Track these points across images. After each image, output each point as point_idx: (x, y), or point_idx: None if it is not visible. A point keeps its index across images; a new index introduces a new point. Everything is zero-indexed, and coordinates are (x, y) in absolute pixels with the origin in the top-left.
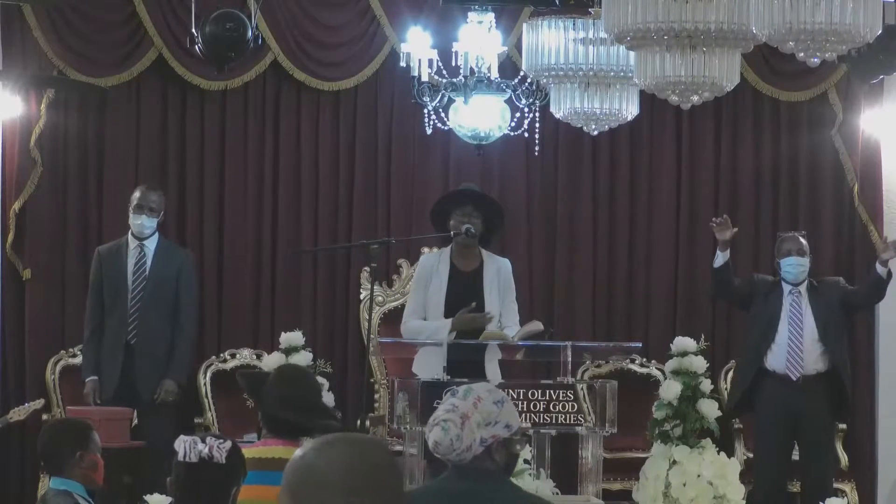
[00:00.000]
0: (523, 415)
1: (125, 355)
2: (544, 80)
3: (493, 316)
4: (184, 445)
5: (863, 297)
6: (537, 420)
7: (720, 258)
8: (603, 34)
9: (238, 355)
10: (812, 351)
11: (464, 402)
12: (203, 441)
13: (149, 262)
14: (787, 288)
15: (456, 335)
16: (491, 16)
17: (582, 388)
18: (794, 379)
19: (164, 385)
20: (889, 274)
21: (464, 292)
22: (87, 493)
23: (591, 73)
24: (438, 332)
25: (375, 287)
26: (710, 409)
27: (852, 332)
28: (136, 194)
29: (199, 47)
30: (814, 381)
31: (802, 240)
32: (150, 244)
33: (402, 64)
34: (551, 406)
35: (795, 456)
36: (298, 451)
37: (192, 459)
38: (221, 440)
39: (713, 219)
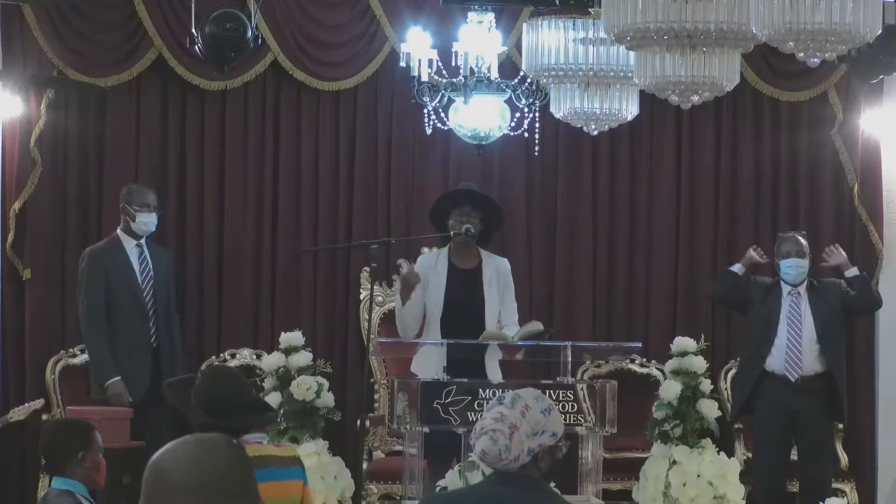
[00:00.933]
0: None
1: (152, 356)
2: (544, 80)
3: (419, 274)
4: None
5: (859, 303)
6: None
7: (738, 268)
8: (603, 34)
9: (238, 355)
10: (810, 352)
11: (511, 410)
12: None
13: (150, 262)
14: (786, 288)
15: (453, 334)
16: (491, 16)
17: (582, 388)
18: (793, 380)
19: None
20: (860, 270)
21: (463, 291)
22: (88, 493)
23: (591, 73)
24: (400, 308)
25: (375, 287)
26: (710, 409)
27: (853, 333)
28: (135, 194)
29: (199, 47)
30: (812, 381)
31: (802, 240)
32: (144, 243)
33: (402, 64)
34: None
35: (794, 456)
36: (154, 455)
37: None
38: None
39: (755, 248)
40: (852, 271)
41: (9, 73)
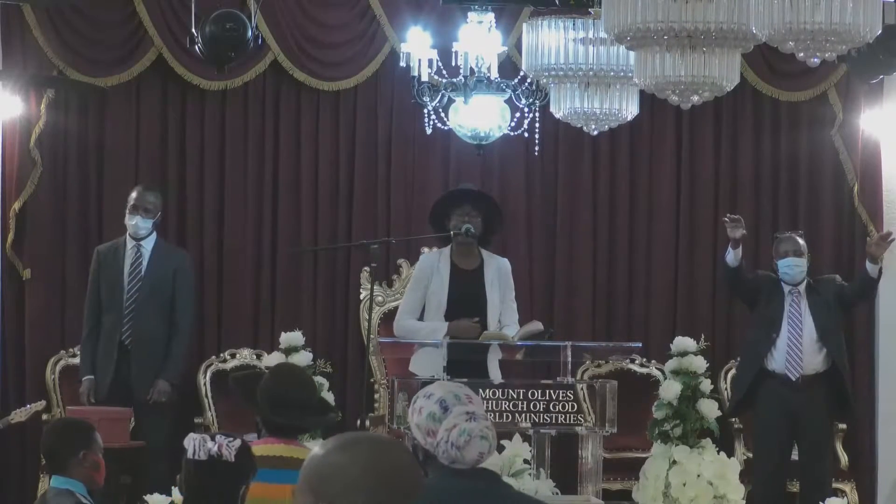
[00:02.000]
0: (523, 415)
1: (119, 355)
2: (544, 80)
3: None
4: (193, 443)
5: (855, 295)
6: (537, 420)
7: (732, 256)
8: (603, 34)
9: (238, 355)
10: (811, 351)
11: (470, 405)
12: (212, 439)
13: (144, 263)
14: (786, 288)
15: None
16: (491, 16)
17: (582, 388)
18: (794, 379)
19: (157, 385)
20: (880, 272)
21: (465, 291)
22: (87, 492)
23: (591, 73)
24: (434, 334)
25: (375, 287)
26: (710, 409)
27: (852, 331)
28: (133, 195)
29: (199, 47)
30: (813, 381)
31: (800, 240)
32: (147, 245)
33: (402, 64)
34: (551, 406)
35: (795, 456)
36: (318, 450)
37: (202, 457)
38: (231, 438)
39: (727, 216)
40: (875, 269)
41: (9, 73)
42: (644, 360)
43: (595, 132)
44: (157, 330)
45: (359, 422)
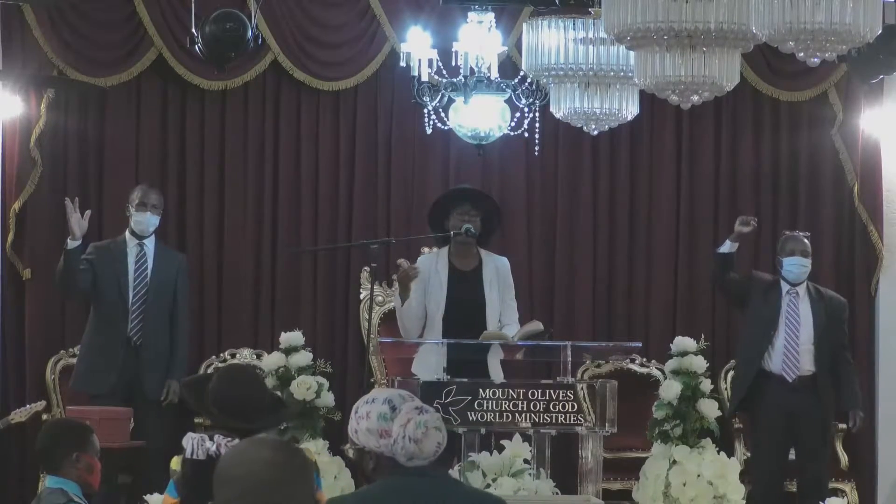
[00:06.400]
0: (523, 414)
1: (126, 353)
2: (544, 80)
3: (417, 268)
4: (192, 443)
5: (836, 352)
6: (537, 420)
7: (727, 246)
8: (603, 34)
9: (238, 355)
10: (808, 352)
11: (415, 401)
12: (211, 438)
13: (150, 262)
14: (784, 288)
15: (455, 334)
16: (491, 16)
17: (582, 388)
18: (790, 380)
19: (171, 386)
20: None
21: (464, 291)
22: (82, 494)
23: (591, 73)
24: (402, 307)
25: (375, 287)
26: (710, 409)
27: (852, 332)
28: (137, 193)
29: (199, 47)
30: (810, 381)
31: (806, 241)
32: (149, 244)
33: (402, 64)
34: (551, 406)
35: (793, 456)
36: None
37: (200, 457)
38: (229, 438)
39: (744, 218)
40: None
41: (9, 73)
42: (644, 360)
43: (595, 132)
44: (163, 329)
45: None
